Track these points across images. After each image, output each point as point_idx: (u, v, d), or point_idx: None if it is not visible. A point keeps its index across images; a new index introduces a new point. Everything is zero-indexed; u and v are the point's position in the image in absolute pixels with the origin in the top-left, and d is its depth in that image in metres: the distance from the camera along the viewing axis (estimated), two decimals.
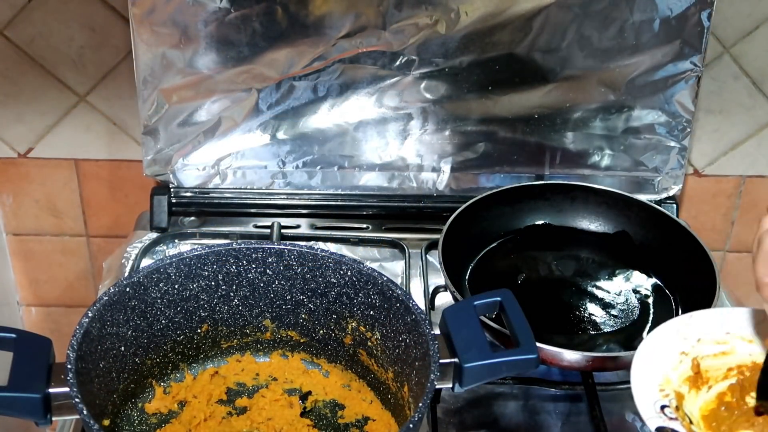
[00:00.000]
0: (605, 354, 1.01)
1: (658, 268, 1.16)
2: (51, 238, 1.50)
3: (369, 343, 0.94)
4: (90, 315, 0.84)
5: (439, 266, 1.06)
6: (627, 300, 1.12)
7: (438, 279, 1.12)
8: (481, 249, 1.19)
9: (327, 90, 1.24)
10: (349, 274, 0.93)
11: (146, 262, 1.22)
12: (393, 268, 1.24)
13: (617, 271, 1.17)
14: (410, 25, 1.19)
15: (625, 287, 1.15)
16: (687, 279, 1.10)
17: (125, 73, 1.29)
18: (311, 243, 1.19)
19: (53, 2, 1.26)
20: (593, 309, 1.11)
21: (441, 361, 0.82)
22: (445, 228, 1.11)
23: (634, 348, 1.02)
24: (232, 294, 0.96)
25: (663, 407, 0.78)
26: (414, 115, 1.27)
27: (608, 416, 0.99)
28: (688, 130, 1.27)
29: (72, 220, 1.47)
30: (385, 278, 0.91)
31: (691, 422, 0.78)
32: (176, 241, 1.28)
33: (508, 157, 1.30)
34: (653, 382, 0.80)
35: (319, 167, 1.30)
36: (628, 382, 1.04)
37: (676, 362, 0.83)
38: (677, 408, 0.79)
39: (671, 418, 0.76)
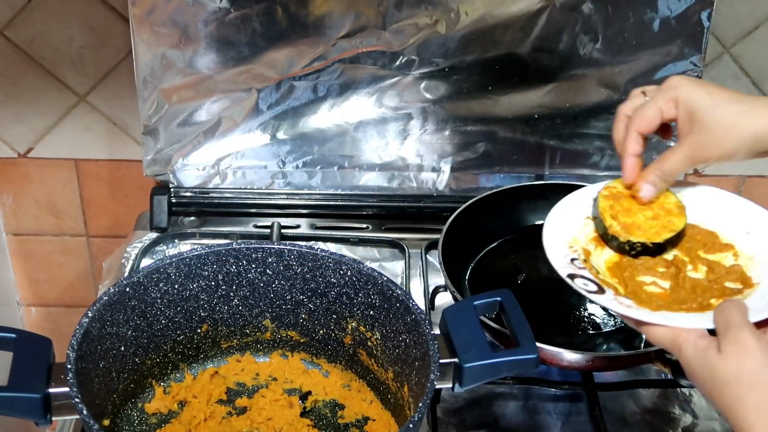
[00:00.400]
0: (605, 354, 1.01)
1: None
2: (51, 238, 1.50)
3: (369, 343, 0.94)
4: (90, 315, 0.84)
5: (439, 266, 1.06)
6: None
7: (438, 279, 1.12)
8: (481, 249, 1.19)
9: (327, 90, 1.24)
10: (349, 274, 0.93)
11: (146, 262, 1.22)
12: (393, 268, 1.24)
13: None
14: (410, 25, 1.19)
15: None
16: None
17: (125, 73, 1.29)
18: (311, 243, 1.19)
19: (53, 2, 1.26)
20: (593, 309, 1.11)
21: (441, 361, 0.82)
22: (445, 228, 1.11)
23: (635, 348, 1.03)
24: (232, 294, 0.96)
25: (572, 260, 0.86)
26: (414, 115, 1.27)
27: (608, 416, 0.99)
28: None
29: (72, 220, 1.48)
30: (385, 278, 0.91)
31: (597, 272, 0.85)
32: (176, 241, 1.27)
33: (508, 157, 1.30)
34: (563, 240, 0.88)
35: (319, 167, 1.30)
36: (629, 382, 1.05)
37: (582, 225, 0.90)
38: (585, 261, 0.86)
39: (580, 268, 0.84)
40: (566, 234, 0.89)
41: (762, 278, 0.84)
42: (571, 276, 0.82)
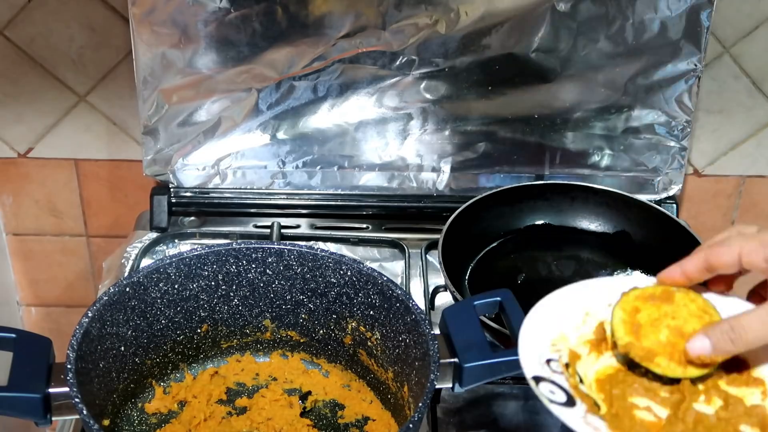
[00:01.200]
0: None
1: (658, 268, 1.15)
2: (51, 238, 1.50)
3: (369, 343, 0.94)
4: (90, 315, 0.84)
5: (439, 266, 1.06)
6: None
7: (438, 279, 1.12)
8: (481, 249, 1.19)
9: (327, 90, 1.24)
10: (349, 274, 0.93)
11: (146, 262, 1.22)
12: (393, 268, 1.24)
13: (617, 271, 1.17)
14: (410, 25, 1.19)
15: None
16: None
17: (125, 73, 1.29)
18: (311, 243, 1.19)
19: (53, 2, 1.26)
20: None
21: (441, 361, 0.82)
22: (445, 228, 1.11)
23: None
24: (232, 294, 0.96)
25: (548, 360, 0.71)
26: (414, 115, 1.27)
27: None
28: (688, 130, 1.27)
29: (72, 220, 1.47)
30: (385, 278, 0.91)
31: (580, 381, 0.72)
32: (176, 241, 1.28)
33: (508, 157, 1.30)
34: (546, 336, 0.74)
35: (319, 167, 1.30)
36: None
37: (579, 322, 0.76)
38: (567, 365, 0.72)
39: (554, 371, 0.70)
40: (553, 328, 0.75)
41: None
42: (537, 379, 0.68)
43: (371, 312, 0.93)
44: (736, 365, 0.72)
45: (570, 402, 0.68)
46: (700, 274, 0.73)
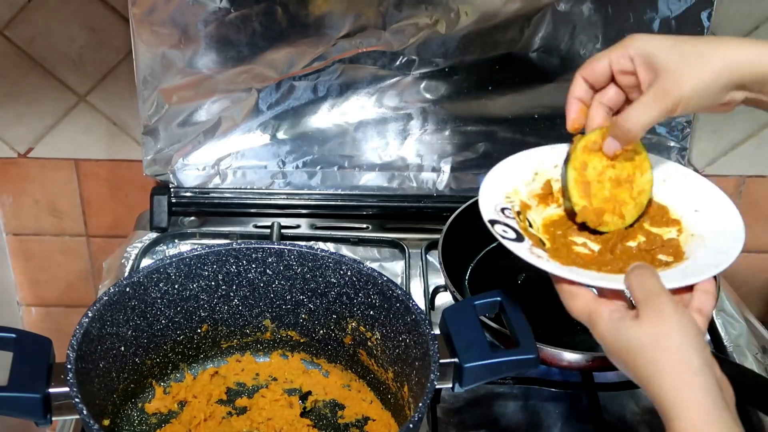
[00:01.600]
0: (605, 354, 1.01)
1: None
2: (51, 238, 1.50)
3: (369, 343, 0.94)
4: (90, 315, 0.84)
5: (439, 266, 1.06)
6: (627, 299, 1.12)
7: (438, 279, 1.12)
8: (481, 249, 1.19)
9: (327, 90, 1.24)
10: (349, 274, 0.93)
11: (146, 262, 1.22)
12: (393, 268, 1.24)
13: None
14: (410, 25, 1.19)
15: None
16: None
17: (125, 73, 1.29)
18: (311, 243, 1.19)
19: (53, 2, 1.26)
20: None
21: (441, 361, 0.82)
22: (445, 228, 1.11)
23: None
24: (232, 294, 0.96)
25: (503, 209, 0.85)
26: (414, 115, 1.27)
27: (608, 416, 0.99)
28: (688, 130, 1.27)
29: (72, 220, 1.47)
30: (385, 278, 0.91)
31: (529, 225, 0.85)
32: (176, 241, 1.28)
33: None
34: (501, 190, 0.88)
35: (319, 167, 1.30)
36: (629, 382, 1.05)
37: (529, 179, 0.90)
38: (518, 213, 0.85)
39: (508, 217, 0.84)
40: (507, 184, 0.89)
41: (692, 254, 0.82)
42: (492, 222, 0.82)
43: (371, 312, 0.93)
44: (659, 211, 0.88)
45: (519, 239, 0.81)
46: (586, 93, 0.87)
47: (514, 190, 0.89)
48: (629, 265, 0.76)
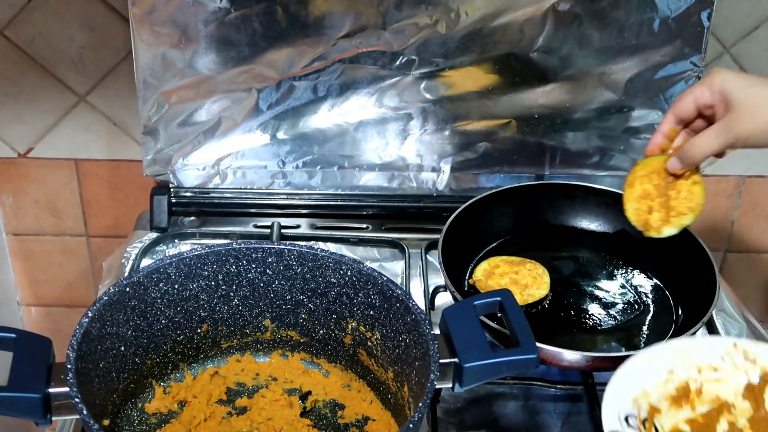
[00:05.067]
0: (605, 354, 1.01)
1: (657, 268, 1.16)
2: (51, 238, 1.50)
3: (369, 343, 0.94)
4: (90, 315, 0.84)
5: (439, 266, 1.06)
6: (627, 300, 1.12)
7: (438, 279, 1.12)
8: (481, 249, 1.19)
9: (327, 90, 1.24)
10: (349, 274, 0.93)
11: (146, 262, 1.22)
12: (393, 268, 1.24)
13: (617, 271, 1.17)
14: (410, 25, 1.19)
15: (624, 287, 1.15)
16: (687, 279, 1.10)
17: (125, 73, 1.29)
18: (311, 243, 1.19)
19: (53, 2, 1.26)
20: (593, 308, 1.11)
21: (441, 361, 0.82)
22: (445, 228, 1.11)
23: (634, 348, 1.03)
24: (232, 294, 0.96)
25: (627, 417, 0.80)
26: (414, 115, 1.27)
27: None
28: None
29: (72, 220, 1.48)
30: (385, 278, 0.91)
31: None
32: (176, 241, 1.28)
33: (508, 157, 1.30)
34: (629, 393, 0.83)
35: (319, 167, 1.30)
36: None
37: (662, 380, 0.85)
38: (645, 421, 0.81)
39: (629, 426, 0.79)
40: (636, 385, 0.84)
41: None
42: None
43: (371, 312, 0.93)
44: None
45: None
46: (672, 129, 0.97)
47: (643, 392, 0.84)
48: None
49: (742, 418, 0.84)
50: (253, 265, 0.95)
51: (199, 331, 0.97)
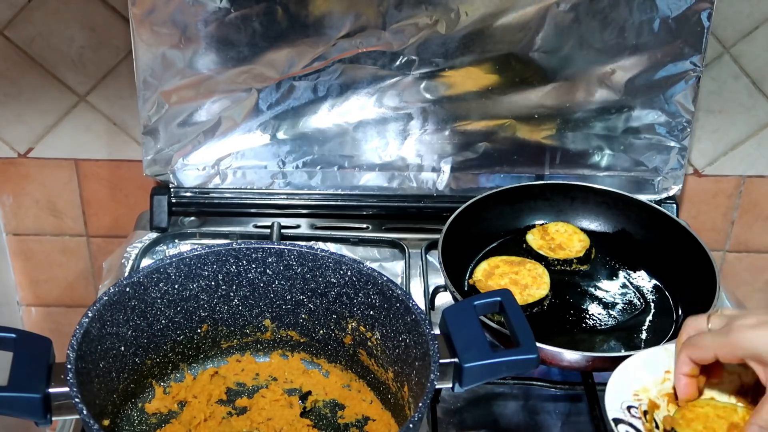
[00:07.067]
0: (605, 354, 1.01)
1: (657, 268, 1.16)
2: (51, 238, 1.50)
3: (369, 343, 0.94)
4: (90, 315, 0.84)
5: (439, 266, 1.06)
6: (627, 300, 1.12)
7: (438, 279, 1.12)
8: (481, 249, 1.19)
9: (327, 90, 1.24)
10: (349, 274, 0.93)
11: (146, 262, 1.22)
12: (393, 268, 1.24)
13: (617, 271, 1.17)
14: (410, 25, 1.19)
15: (624, 287, 1.15)
16: (687, 279, 1.10)
17: (125, 73, 1.29)
18: (311, 243, 1.19)
19: (53, 2, 1.26)
20: (593, 308, 1.11)
21: (441, 361, 0.82)
22: (445, 228, 1.11)
23: (634, 348, 1.03)
24: (232, 294, 0.96)
25: (630, 407, 0.83)
26: (414, 115, 1.27)
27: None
28: (688, 130, 1.27)
29: (72, 220, 1.48)
30: (385, 278, 0.91)
31: (657, 427, 0.83)
32: (176, 241, 1.28)
33: (508, 157, 1.30)
34: (629, 387, 0.86)
35: (319, 167, 1.30)
36: None
37: (660, 379, 0.88)
38: (645, 413, 0.84)
39: (633, 416, 0.82)
40: (637, 382, 0.87)
41: None
42: (616, 420, 0.81)
43: (371, 312, 0.93)
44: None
45: None
46: (692, 369, 0.85)
47: (643, 387, 0.87)
48: None
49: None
50: (253, 265, 0.95)
51: (199, 331, 0.97)
